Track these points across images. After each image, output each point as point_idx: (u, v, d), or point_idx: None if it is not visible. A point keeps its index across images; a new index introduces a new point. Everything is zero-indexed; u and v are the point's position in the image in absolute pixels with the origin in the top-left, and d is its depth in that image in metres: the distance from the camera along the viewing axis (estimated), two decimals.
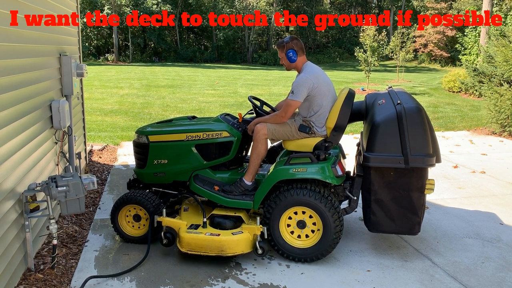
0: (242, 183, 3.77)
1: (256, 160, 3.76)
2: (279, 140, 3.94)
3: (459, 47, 30.95)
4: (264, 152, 3.79)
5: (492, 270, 3.62)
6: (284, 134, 3.81)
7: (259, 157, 3.76)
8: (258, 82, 20.79)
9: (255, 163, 3.77)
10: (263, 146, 3.76)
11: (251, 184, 3.77)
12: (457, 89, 16.77)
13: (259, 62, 39.56)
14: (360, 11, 49.85)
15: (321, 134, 3.75)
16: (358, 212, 4.62)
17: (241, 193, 3.75)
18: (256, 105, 4.03)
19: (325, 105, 3.71)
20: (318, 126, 3.75)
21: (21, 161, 3.28)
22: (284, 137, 3.83)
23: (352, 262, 3.70)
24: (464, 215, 4.79)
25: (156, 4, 37.97)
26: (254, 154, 3.77)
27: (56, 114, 4.14)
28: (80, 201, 3.28)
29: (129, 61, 37.70)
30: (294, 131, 3.78)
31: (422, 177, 3.51)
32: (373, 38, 17.37)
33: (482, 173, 6.39)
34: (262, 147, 3.76)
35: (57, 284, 3.21)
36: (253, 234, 3.57)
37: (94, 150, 7.18)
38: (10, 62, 3.10)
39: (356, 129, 9.35)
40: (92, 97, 13.87)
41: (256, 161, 3.77)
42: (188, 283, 3.32)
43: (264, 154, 3.80)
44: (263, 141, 3.76)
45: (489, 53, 11.34)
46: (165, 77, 22.10)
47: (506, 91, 9.10)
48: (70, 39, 5.29)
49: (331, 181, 3.52)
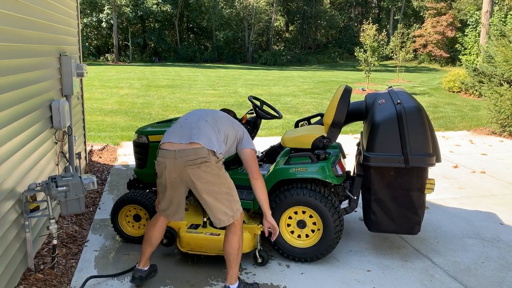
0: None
1: (239, 256, 3.10)
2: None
3: (459, 47, 30.96)
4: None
5: (492, 270, 3.62)
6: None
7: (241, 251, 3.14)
8: (258, 82, 20.79)
9: (239, 261, 3.10)
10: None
11: (237, 285, 3.10)
12: (457, 89, 16.77)
13: (259, 62, 39.57)
14: (360, 11, 49.86)
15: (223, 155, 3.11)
16: (358, 212, 4.62)
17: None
18: (256, 105, 4.03)
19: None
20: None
21: (21, 161, 3.28)
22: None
23: (352, 262, 3.70)
24: (464, 215, 4.79)
25: (156, 4, 37.98)
26: (239, 250, 3.08)
27: (56, 114, 4.14)
28: (80, 201, 3.28)
29: (129, 61, 37.71)
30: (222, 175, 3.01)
31: (422, 177, 3.51)
32: (373, 38, 17.38)
33: (482, 173, 6.39)
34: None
35: (57, 284, 3.20)
36: (253, 234, 3.57)
37: (94, 150, 7.18)
38: (10, 62, 3.10)
39: (356, 129, 9.35)
40: (92, 97, 13.86)
41: (239, 257, 3.10)
42: (188, 283, 3.32)
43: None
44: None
45: (489, 53, 11.34)
46: (165, 77, 22.10)
47: (506, 91, 9.10)
48: (70, 39, 5.29)
49: (331, 180, 3.52)
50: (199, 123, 3.03)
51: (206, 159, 2.86)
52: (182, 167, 2.86)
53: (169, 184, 2.96)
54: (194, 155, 2.85)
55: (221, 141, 3.02)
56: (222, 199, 2.96)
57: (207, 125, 3.03)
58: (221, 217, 2.98)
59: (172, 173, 2.90)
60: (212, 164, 2.89)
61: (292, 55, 42.10)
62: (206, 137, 2.93)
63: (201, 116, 3.11)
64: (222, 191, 2.96)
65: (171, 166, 2.89)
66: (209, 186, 2.91)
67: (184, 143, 2.90)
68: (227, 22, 41.83)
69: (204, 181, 2.89)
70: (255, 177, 3.15)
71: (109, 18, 37.83)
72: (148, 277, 3.31)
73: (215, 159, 2.91)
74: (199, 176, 2.87)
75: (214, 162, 2.90)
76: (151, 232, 3.19)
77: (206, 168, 2.87)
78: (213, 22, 40.42)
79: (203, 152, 2.87)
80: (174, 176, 2.91)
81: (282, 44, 46.49)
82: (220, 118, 3.15)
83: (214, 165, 2.90)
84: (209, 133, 2.97)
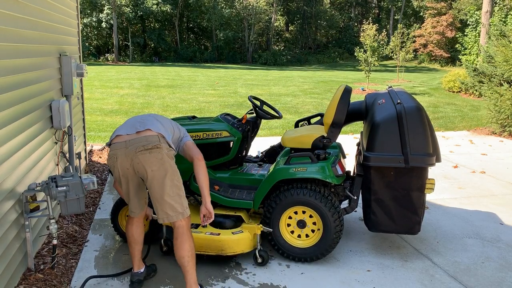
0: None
1: (194, 258, 3.00)
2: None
3: (459, 47, 30.96)
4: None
5: (492, 270, 3.62)
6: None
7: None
8: (258, 82, 20.78)
9: (194, 263, 3.00)
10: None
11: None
12: (457, 89, 16.77)
13: (259, 62, 39.57)
14: (360, 11, 49.86)
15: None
16: (358, 212, 4.62)
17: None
18: (256, 105, 4.03)
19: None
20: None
21: (21, 161, 3.28)
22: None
23: (352, 262, 3.70)
24: (464, 215, 4.79)
25: (156, 4, 37.98)
26: (192, 252, 2.98)
27: (56, 114, 4.14)
28: (80, 201, 3.27)
29: (129, 61, 37.70)
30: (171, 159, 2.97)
31: (422, 177, 3.51)
32: (373, 38, 17.38)
33: (482, 173, 6.39)
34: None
35: (57, 284, 3.21)
36: (253, 234, 3.57)
37: (94, 150, 7.18)
38: (10, 62, 3.10)
39: (356, 129, 9.35)
40: (92, 97, 13.86)
41: (194, 259, 3.00)
42: None
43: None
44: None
45: (489, 53, 11.34)
46: (165, 77, 22.09)
47: (506, 91, 9.10)
48: (70, 39, 5.29)
49: (331, 180, 3.52)
50: (143, 117, 3.11)
51: (157, 145, 2.86)
52: (134, 153, 2.84)
53: (123, 177, 2.95)
54: (145, 141, 2.86)
55: (168, 131, 3.06)
56: (172, 192, 2.87)
57: (150, 117, 3.10)
58: (169, 211, 2.89)
59: (124, 163, 2.88)
60: (164, 152, 2.87)
61: (292, 55, 42.11)
62: (153, 125, 2.99)
63: (142, 116, 3.17)
64: (172, 183, 2.88)
65: (122, 156, 2.88)
66: (160, 174, 2.85)
67: (132, 133, 2.94)
68: (227, 22, 41.83)
69: (156, 169, 2.84)
70: (199, 158, 3.09)
71: (109, 18, 37.82)
72: (147, 277, 3.31)
73: (167, 147, 2.91)
74: (150, 163, 2.83)
75: (166, 150, 2.89)
76: (131, 231, 3.19)
77: (157, 155, 2.84)
78: (213, 22, 40.41)
79: (154, 139, 2.88)
80: (126, 166, 2.89)
81: (282, 44, 46.49)
82: (161, 117, 3.22)
83: (165, 153, 2.88)
84: (155, 122, 3.04)
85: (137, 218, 3.19)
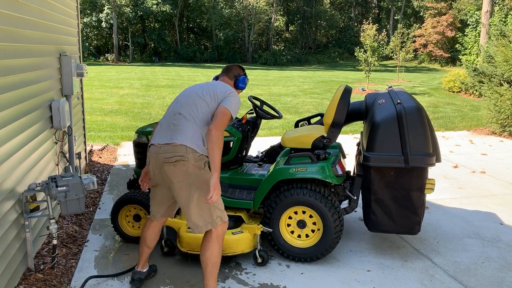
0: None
1: (216, 269, 2.99)
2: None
3: (459, 47, 30.96)
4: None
5: (492, 270, 3.62)
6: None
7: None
8: (258, 82, 20.78)
9: (216, 273, 3.00)
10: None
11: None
12: (457, 89, 16.77)
13: (259, 62, 39.56)
14: (360, 11, 49.86)
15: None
16: (358, 212, 4.62)
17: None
18: (256, 105, 4.03)
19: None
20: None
21: (21, 161, 3.28)
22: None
23: (352, 262, 3.70)
24: (464, 215, 4.79)
25: (156, 4, 37.98)
26: (216, 261, 2.96)
27: (56, 114, 4.14)
28: (80, 201, 3.28)
29: (129, 61, 37.70)
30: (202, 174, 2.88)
31: (422, 177, 3.51)
32: (373, 38, 17.38)
33: (482, 173, 6.39)
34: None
35: (57, 284, 3.21)
36: (253, 234, 3.57)
37: (94, 150, 7.18)
38: (10, 62, 3.10)
39: (356, 129, 9.35)
40: (92, 97, 13.86)
41: (216, 270, 3.00)
42: (188, 283, 3.32)
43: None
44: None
45: (489, 53, 11.34)
46: (165, 77, 22.09)
47: (506, 91, 9.10)
48: (70, 39, 5.29)
49: (331, 180, 3.52)
50: (175, 118, 2.91)
51: (183, 157, 2.78)
52: (161, 164, 2.84)
53: (153, 180, 2.99)
54: (171, 153, 2.81)
55: (203, 122, 2.85)
56: (200, 202, 2.81)
57: (181, 118, 2.88)
58: (198, 222, 2.84)
59: (155, 168, 2.91)
60: (190, 163, 2.79)
61: (292, 55, 42.10)
62: (183, 133, 2.82)
63: (180, 107, 2.94)
64: (200, 194, 2.80)
65: (153, 162, 2.90)
66: (185, 186, 2.81)
67: (162, 143, 2.87)
68: (227, 22, 41.82)
69: (181, 180, 2.81)
70: (210, 129, 2.74)
71: (109, 18, 37.83)
72: (148, 277, 3.31)
73: (194, 157, 2.80)
74: (176, 174, 2.81)
75: (193, 161, 2.80)
76: (145, 233, 3.19)
77: (182, 167, 2.79)
78: (213, 22, 40.41)
79: (181, 150, 2.79)
80: (156, 172, 2.92)
81: (282, 44, 46.49)
82: (199, 102, 2.91)
83: (192, 164, 2.79)
84: (186, 127, 2.84)
85: (155, 223, 3.17)
